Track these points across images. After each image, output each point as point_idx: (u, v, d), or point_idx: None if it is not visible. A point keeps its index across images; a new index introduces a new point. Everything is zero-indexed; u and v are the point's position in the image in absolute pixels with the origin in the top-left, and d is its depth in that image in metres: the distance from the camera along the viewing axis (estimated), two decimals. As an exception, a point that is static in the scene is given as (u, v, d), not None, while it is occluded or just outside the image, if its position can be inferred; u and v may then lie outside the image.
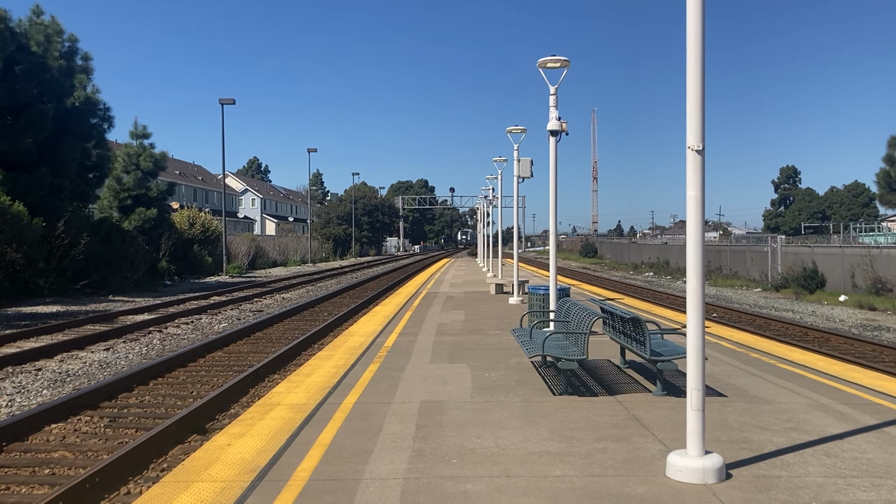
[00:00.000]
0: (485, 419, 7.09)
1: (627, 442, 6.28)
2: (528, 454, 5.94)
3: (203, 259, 43.14)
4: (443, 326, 14.79)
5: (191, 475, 5.46)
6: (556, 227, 13.31)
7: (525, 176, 20.31)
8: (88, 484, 6.06)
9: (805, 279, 32.21)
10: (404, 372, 9.64)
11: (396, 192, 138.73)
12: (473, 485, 5.22)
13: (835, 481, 5.26)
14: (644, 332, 7.96)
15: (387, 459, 5.81)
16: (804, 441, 6.30)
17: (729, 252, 46.45)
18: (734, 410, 7.45)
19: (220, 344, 14.70)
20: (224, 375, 11.72)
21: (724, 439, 6.36)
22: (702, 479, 5.20)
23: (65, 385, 11.26)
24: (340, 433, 6.60)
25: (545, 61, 12.50)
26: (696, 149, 5.30)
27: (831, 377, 9.29)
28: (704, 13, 5.23)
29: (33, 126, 26.71)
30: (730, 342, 12.53)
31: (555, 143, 12.82)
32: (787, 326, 19.22)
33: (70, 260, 26.93)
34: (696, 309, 5.33)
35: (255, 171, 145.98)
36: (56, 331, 16.88)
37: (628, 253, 71.85)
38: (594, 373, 9.47)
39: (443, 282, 31.77)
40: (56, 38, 29.25)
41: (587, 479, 5.32)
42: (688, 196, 5.37)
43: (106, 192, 37.25)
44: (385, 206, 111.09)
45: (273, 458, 5.88)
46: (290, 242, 69.29)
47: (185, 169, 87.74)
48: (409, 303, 20.77)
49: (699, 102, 5.26)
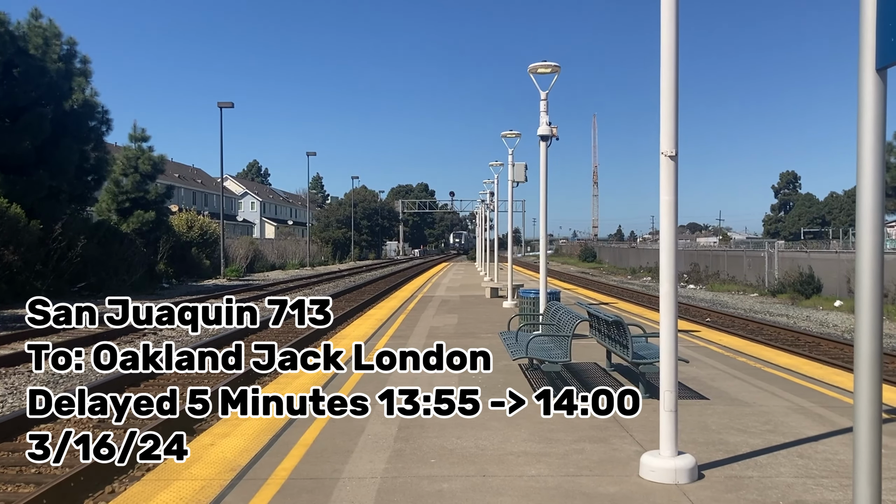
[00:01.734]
0: (467, 420, 7.18)
1: (605, 443, 6.37)
2: (507, 454, 6.03)
3: (201, 262, 43.28)
4: (435, 330, 14.88)
5: (172, 474, 5.55)
6: (546, 231, 13.41)
7: (520, 180, 20.46)
8: (73, 482, 6.16)
9: (801, 284, 32.31)
10: (391, 375, 9.73)
11: (396, 195, 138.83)
12: (449, 484, 5.31)
13: (804, 481, 5.35)
14: (626, 336, 8.04)
15: (366, 459, 5.90)
16: (779, 443, 6.39)
17: (726, 257, 46.57)
18: (714, 413, 7.54)
19: (215, 346, 14.77)
20: (215, 378, 11.80)
21: (702, 441, 6.44)
22: (673, 480, 5.29)
23: (57, 386, 11.35)
24: (323, 434, 6.70)
25: (536, 67, 12.62)
26: (670, 154, 5.40)
27: (814, 381, 9.38)
28: (678, 23, 5.34)
29: (32, 129, 26.87)
30: (718, 346, 12.62)
31: (545, 148, 12.94)
32: (779, 331, 19.30)
33: (67, 262, 27.05)
34: (669, 312, 5.43)
35: (254, 174, 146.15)
36: (52, 332, 16.97)
37: (627, 257, 71.95)
38: (580, 375, 9.56)
39: (440, 285, 31.88)
40: (55, 40, 29.44)
41: (561, 479, 5.41)
42: (661, 201, 5.47)
43: (104, 195, 37.39)
44: (385, 209, 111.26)
45: (254, 457, 5.97)
46: (289, 246, 69.43)
47: (184, 172, 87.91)
48: (403, 306, 20.86)
49: (672, 109, 5.37)
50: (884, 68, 2.88)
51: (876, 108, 2.92)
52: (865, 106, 2.94)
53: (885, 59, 2.86)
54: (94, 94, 31.48)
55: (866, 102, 2.94)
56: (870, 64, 2.91)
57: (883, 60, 2.87)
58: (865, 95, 2.93)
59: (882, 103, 2.92)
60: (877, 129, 2.93)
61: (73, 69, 30.51)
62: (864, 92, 2.94)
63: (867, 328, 3.05)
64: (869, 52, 2.92)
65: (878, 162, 2.93)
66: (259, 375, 11.75)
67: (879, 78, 2.91)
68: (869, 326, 3.03)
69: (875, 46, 2.89)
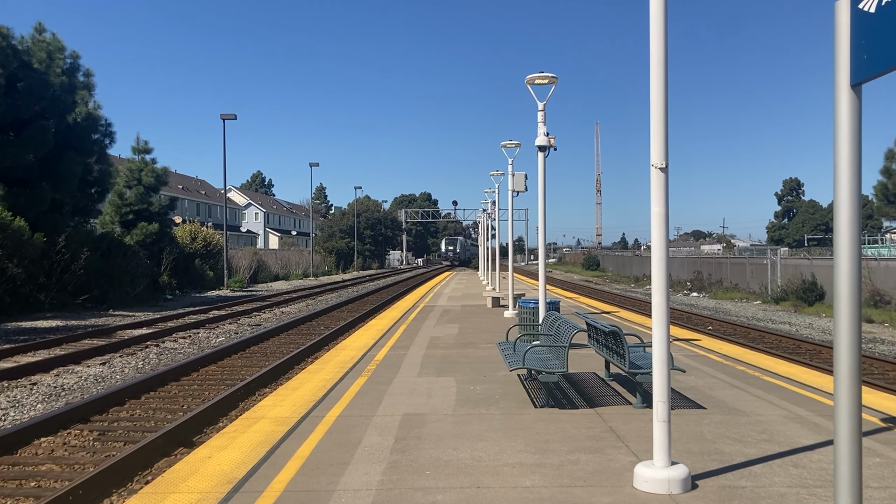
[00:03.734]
0: (464, 432, 7.21)
1: (600, 453, 6.39)
2: (502, 466, 6.06)
3: (205, 273, 43.37)
4: (435, 340, 14.91)
5: (169, 487, 5.59)
6: (545, 242, 13.46)
7: (520, 190, 20.53)
8: (72, 496, 6.20)
9: (804, 291, 32.29)
10: (391, 385, 9.77)
11: (400, 205, 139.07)
12: (444, 495, 5.34)
13: (798, 491, 5.37)
14: (623, 345, 8.07)
15: (362, 471, 5.93)
16: (775, 452, 6.40)
17: (729, 264, 46.53)
18: (710, 422, 7.56)
19: (214, 358, 14.85)
20: (216, 389, 11.86)
21: (697, 450, 6.47)
22: (667, 490, 5.31)
23: (59, 399, 11.41)
24: (320, 446, 6.73)
25: (533, 78, 12.69)
26: (660, 167, 5.44)
27: (813, 389, 9.39)
28: (667, 36, 5.39)
29: (35, 142, 27.01)
30: (718, 355, 12.63)
31: (543, 159, 12.99)
32: (780, 339, 19.29)
33: (71, 275, 27.15)
34: (661, 322, 5.47)
35: (258, 185, 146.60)
36: (54, 345, 17.05)
37: (630, 266, 71.89)
38: (578, 385, 9.58)
39: (441, 295, 31.90)
40: (58, 54, 29.64)
41: (555, 490, 5.44)
42: (652, 213, 5.51)
43: (108, 207, 37.52)
44: (388, 219, 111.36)
45: (251, 470, 6.01)
46: (293, 256, 69.54)
47: (188, 183, 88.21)
48: (405, 316, 20.90)
49: (662, 122, 5.42)
50: (858, 84, 2.93)
51: (851, 122, 2.96)
52: (841, 121, 2.98)
53: (860, 76, 2.91)
54: (97, 107, 31.66)
55: (842, 117, 2.98)
56: (845, 80, 2.96)
57: (857, 76, 2.92)
58: (841, 110, 2.98)
59: (857, 118, 2.97)
60: (852, 144, 2.98)
61: (76, 82, 30.71)
62: (840, 107, 2.98)
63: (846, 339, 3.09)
64: (844, 68, 2.97)
65: (854, 175, 2.98)
66: (265, 387, 11.80)
67: (854, 94, 2.95)
68: (847, 337, 3.08)
69: (850, 63, 2.94)
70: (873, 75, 2.87)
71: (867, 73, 2.86)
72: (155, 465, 7.60)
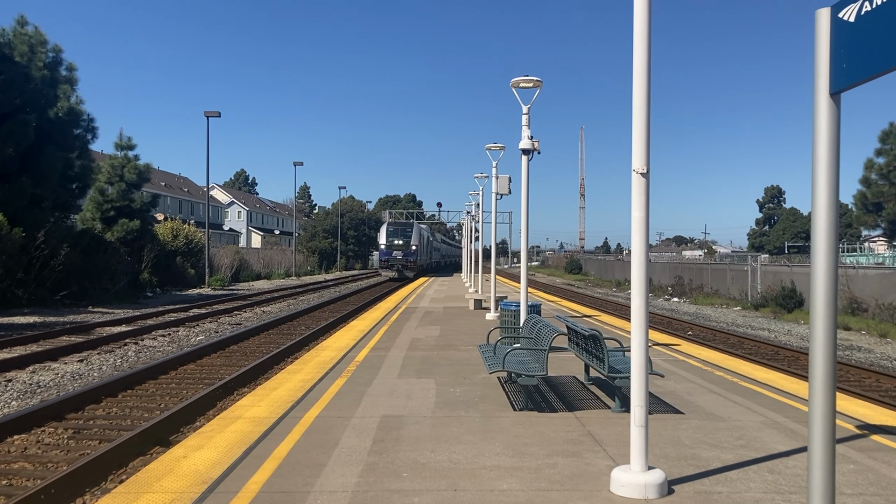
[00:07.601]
0: (442, 434, 7.19)
1: (578, 457, 6.40)
2: (479, 468, 6.04)
3: (186, 271, 43.07)
4: (416, 341, 14.88)
5: (143, 486, 5.53)
6: (527, 245, 13.48)
7: (503, 192, 20.53)
8: (43, 495, 6.12)
9: (783, 298, 32.54)
10: (370, 387, 9.73)
11: (384, 206, 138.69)
12: (420, 498, 5.31)
13: (773, 497, 5.39)
14: (603, 349, 8.09)
15: (339, 473, 5.90)
16: (751, 458, 6.43)
17: (710, 270, 46.81)
18: (688, 427, 7.58)
19: (194, 356, 14.74)
20: (194, 388, 11.77)
21: (674, 455, 6.48)
22: (643, 495, 5.32)
23: (34, 396, 11.27)
24: (297, 447, 6.68)
25: (518, 81, 12.70)
26: (641, 172, 5.46)
27: (790, 395, 9.46)
28: (650, 42, 5.41)
29: (15, 136, 26.71)
30: (697, 360, 12.68)
31: (527, 162, 13.01)
32: (759, 345, 19.42)
33: (50, 270, 26.87)
34: (640, 326, 5.49)
35: (241, 183, 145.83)
36: (31, 342, 16.85)
37: (613, 270, 72.14)
38: (558, 389, 9.59)
39: (424, 297, 31.86)
40: (40, 48, 29.34)
41: (532, 494, 5.43)
42: (633, 217, 5.52)
43: (89, 203, 37.20)
44: (372, 220, 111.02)
45: (226, 470, 5.95)
46: (275, 255, 69.24)
47: (170, 181, 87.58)
48: (386, 317, 20.85)
49: (644, 128, 5.43)
50: (837, 93, 2.94)
51: (830, 131, 2.98)
52: (820, 129, 3.00)
53: (839, 84, 2.92)
54: (79, 102, 31.40)
55: (821, 126, 3.00)
56: (824, 88, 2.98)
57: (836, 85, 2.93)
58: (820, 119, 3.00)
59: (836, 125, 2.98)
60: (831, 152, 2.99)
61: (58, 77, 30.41)
62: (819, 115, 3.00)
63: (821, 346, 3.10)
64: (823, 77, 2.98)
65: (832, 183, 2.99)
66: (244, 386, 11.72)
67: (833, 102, 2.97)
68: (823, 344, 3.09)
69: (829, 72, 2.95)
70: (852, 84, 2.88)
71: (846, 82, 2.87)
72: (130, 465, 7.52)
